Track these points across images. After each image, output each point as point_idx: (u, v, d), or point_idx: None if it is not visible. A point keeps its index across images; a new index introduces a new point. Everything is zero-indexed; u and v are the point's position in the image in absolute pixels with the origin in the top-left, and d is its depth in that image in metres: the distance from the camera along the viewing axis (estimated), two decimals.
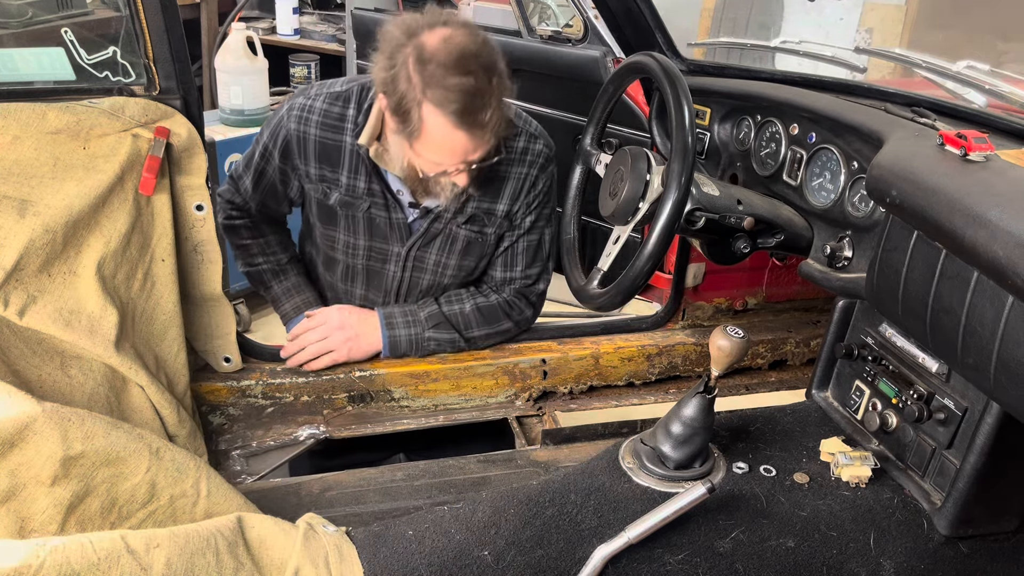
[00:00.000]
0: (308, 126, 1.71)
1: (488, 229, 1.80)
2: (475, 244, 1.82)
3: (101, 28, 1.60)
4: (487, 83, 1.48)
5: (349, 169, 1.72)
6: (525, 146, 1.77)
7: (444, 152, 1.54)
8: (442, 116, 1.47)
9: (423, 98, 1.47)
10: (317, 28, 4.64)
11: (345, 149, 1.71)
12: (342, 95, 1.72)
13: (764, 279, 2.19)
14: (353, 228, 1.78)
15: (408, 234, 1.79)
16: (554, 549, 1.25)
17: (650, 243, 1.38)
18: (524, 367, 1.91)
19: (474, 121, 1.48)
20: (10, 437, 1.17)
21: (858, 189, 1.49)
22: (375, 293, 1.88)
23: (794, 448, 1.50)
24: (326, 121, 1.71)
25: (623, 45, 2.03)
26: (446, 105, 1.46)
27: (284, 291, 1.91)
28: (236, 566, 1.11)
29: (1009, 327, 1.10)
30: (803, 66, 2.19)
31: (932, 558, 1.32)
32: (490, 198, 1.77)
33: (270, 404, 1.78)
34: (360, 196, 1.74)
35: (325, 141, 1.71)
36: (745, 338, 1.36)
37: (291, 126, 1.72)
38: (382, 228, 1.78)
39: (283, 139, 1.73)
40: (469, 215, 1.77)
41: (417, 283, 1.86)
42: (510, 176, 1.76)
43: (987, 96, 1.72)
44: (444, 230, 1.78)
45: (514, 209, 1.80)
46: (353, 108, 1.71)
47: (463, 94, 1.45)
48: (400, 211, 1.76)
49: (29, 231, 1.37)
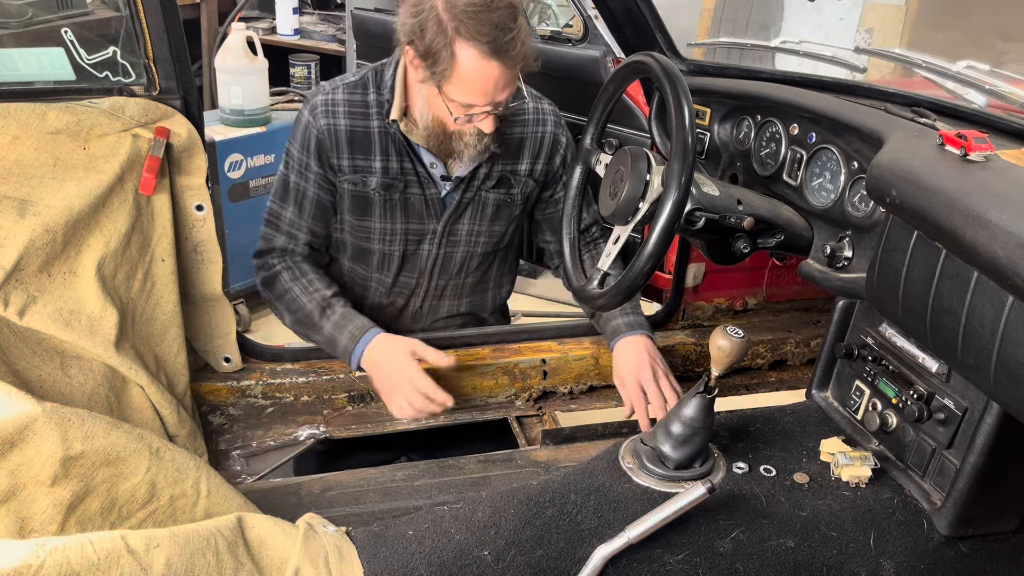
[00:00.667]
0: (336, 118, 1.73)
1: (514, 190, 1.86)
2: (504, 207, 1.88)
3: (101, 28, 1.60)
4: (514, 18, 1.55)
5: (382, 152, 1.75)
6: (535, 106, 1.86)
7: (476, 88, 1.57)
8: (475, 48, 1.52)
9: (455, 35, 1.52)
10: (317, 28, 4.64)
11: (374, 133, 1.75)
12: (359, 83, 1.76)
13: (764, 279, 2.19)
14: (390, 213, 1.80)
15: (442, 209, 1.82)
16: (554, 549, 1.25)
17: (650, 243, 1.38)
18: (524, 367, 1.91)
19: (506, 52, 1.54)
20: (10, 437, 1.17)
21: (858, 189, 1.49)
22: (408, 276, 1.90)
23: (794, 448, 1.50)
24: (352, 110, 1.74)
25: (623, 45, 2.03)
26: (479, 38, 1.51)
27: (335, 326, 1.75)
28: (236, 566, 1.11)
29: (1009, 327, 1.10)
30: (803, 66, 2.19)
31: (932, 558, 1.32)
32: (512, 159, 1.84)
33: (270, 404, 1.78)
34: (396, 177, 1.77)
35: (355, 129, 1.74)
36: (745, 338, 1.36)
37: (320, 123, 1.73)
38: (418, 207, 1.81)
39: (316, 141, 1.74)
40: (497, 178, 1.83)
41: (451, 258, 1.90)
42: (527, 136, 1.85)
43: (987, 96, 1.72)
44: (475, 198, 1.83)
45: (537, 166, 1.87)
46: (373, 92, 1.75)
47: (494, 27, 1.52)
48: (434, 186, 1.79)
49: (29, 231, 1.37)
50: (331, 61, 4.51)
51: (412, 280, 1.92)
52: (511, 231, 1.95)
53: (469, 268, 1.95)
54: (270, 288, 1.82)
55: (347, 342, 1.73)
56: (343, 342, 1.74)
